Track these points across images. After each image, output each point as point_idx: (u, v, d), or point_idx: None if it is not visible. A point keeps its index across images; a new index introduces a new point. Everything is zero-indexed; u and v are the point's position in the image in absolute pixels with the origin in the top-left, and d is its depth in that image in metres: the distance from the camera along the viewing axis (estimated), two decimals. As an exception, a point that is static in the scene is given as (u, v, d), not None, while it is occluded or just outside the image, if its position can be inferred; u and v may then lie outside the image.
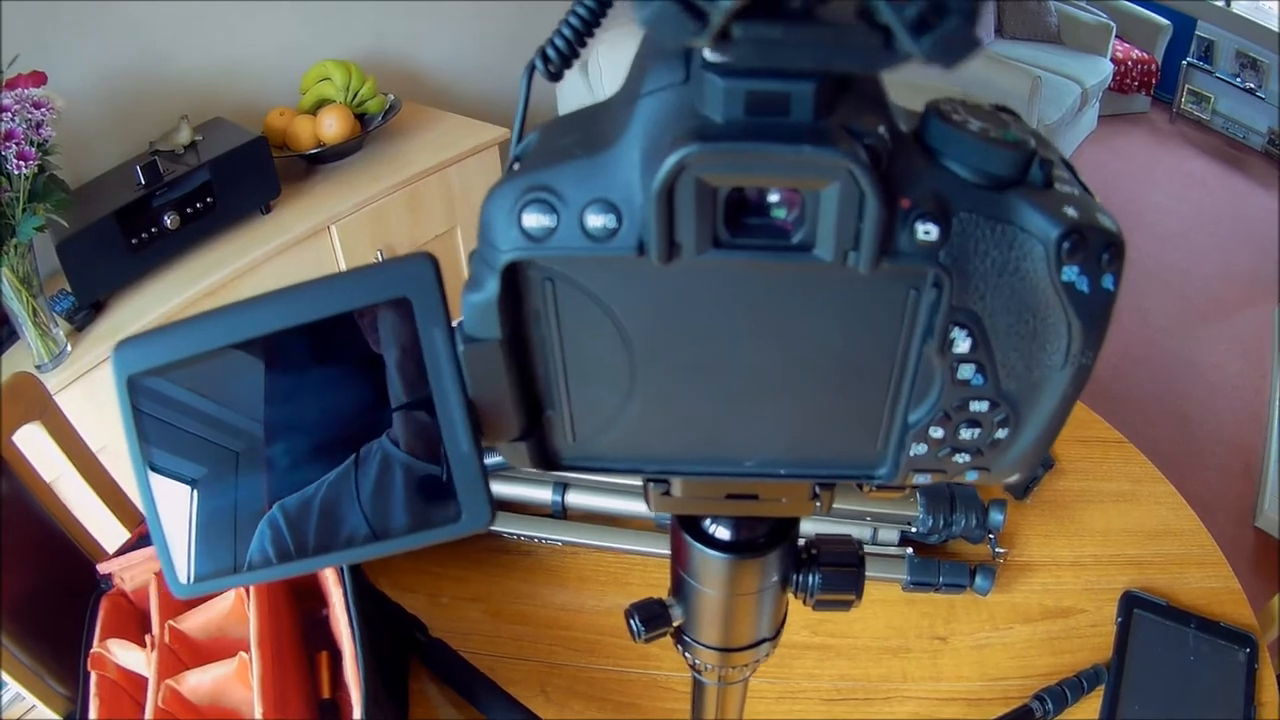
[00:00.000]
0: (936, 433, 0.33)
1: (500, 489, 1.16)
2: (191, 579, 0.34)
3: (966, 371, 0.32)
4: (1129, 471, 1.21)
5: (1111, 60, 4.48)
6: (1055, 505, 1.16)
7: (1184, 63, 4.89)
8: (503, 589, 1.12)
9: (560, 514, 1.15)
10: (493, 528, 1.11)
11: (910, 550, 1.05)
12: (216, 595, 0.96)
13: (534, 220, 0.28)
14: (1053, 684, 0.96)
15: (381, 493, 0.33)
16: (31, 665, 1.06)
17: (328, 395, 0.33)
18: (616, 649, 1.04)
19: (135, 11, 2.05)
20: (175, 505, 0.34)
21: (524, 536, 1.14)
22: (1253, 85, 4.57)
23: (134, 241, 1.82)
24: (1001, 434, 0.33)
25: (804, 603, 0.48)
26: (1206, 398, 2.95)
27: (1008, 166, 0.28)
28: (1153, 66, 4.86)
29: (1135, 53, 4.81)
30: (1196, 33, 4.82)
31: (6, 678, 1.04)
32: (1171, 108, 5.04)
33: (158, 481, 0.33)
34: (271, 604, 0.94)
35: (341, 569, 0.94)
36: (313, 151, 2.16)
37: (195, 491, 0.34)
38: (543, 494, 1.14)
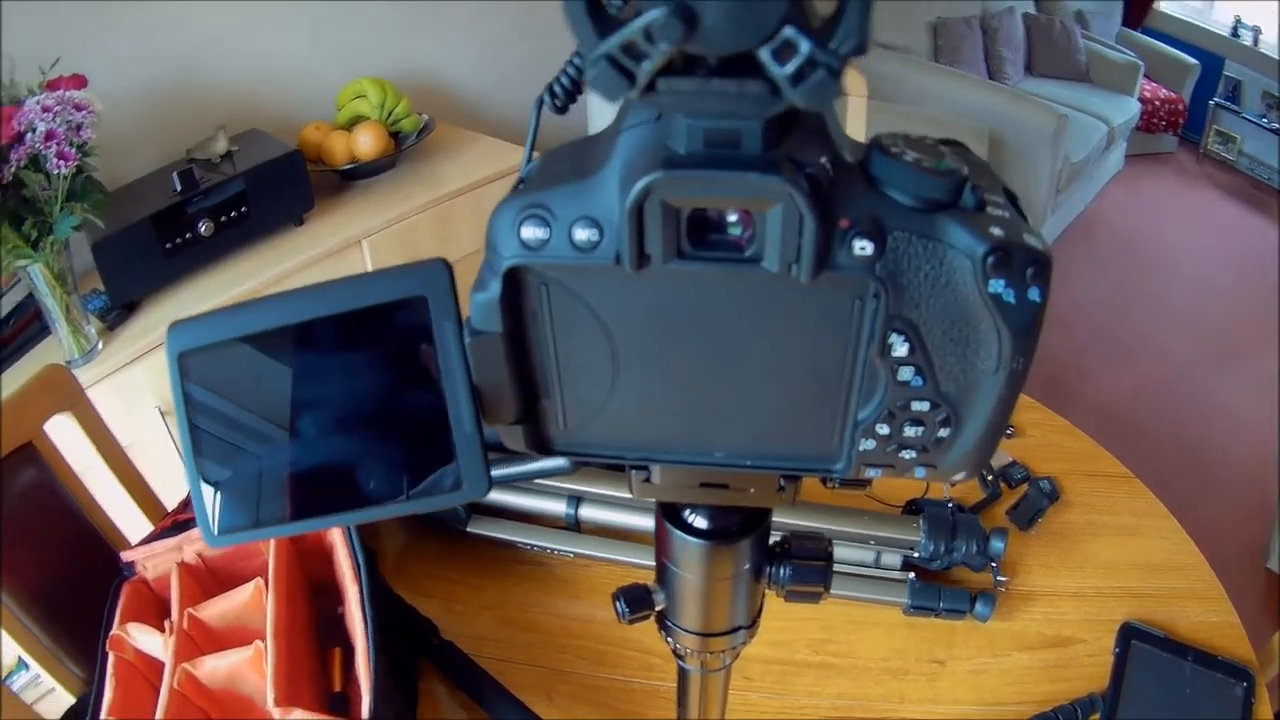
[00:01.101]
0: (883, 429, 0.38)
1: (516, 500, 1.20)
2: (219, 531, 0.39)
3: (906, 374, 0.36)
4: (1134, 506, 1.22)
5: (1139, 99, 4.49)
6: (1059, 536, 1.18)
7: (1211, 103, 4.90)
8: (515, 597, 1.15)
9: (574, 527, 1.18)
10: (508, 538, 1.15)
11: (913, 575, 1.08)
12: (236, 585, 0.99)
13: (531, 232, 0.33)
14: (1048, 710, 0.98)
15: (394, 463, 0.39)
16: (50, 646, 1.09)
17: (351, 376, 0.38)
18: (623, 659, 1.06)
19: (176, 21, 2.09)
20: (214, 468, 0.39)
21: (538, 547, 1.17)
22: (1279, 126, 4.58)
23: (168, 246, 1.85)
24: (944, 433, 0.37)
25: (777, 594, 0.52)
26: (1222, 437, 2.95)
27: (938, 191, 0.32)
28: (1180, 106, 4.86)
29: (1163, 92, 4.81)
30: (1224, 73, 4.84)
31: (26, 657, 1.07)
32: (1198, 148, 5.05)
33: (201, 444, 0.38)
34: (290, 598, 0.97)
35: (359, 569, 0.97)
36: (347, 167, 2.19)
37: (233, 456, 0.39)
38: (557, 506, 1.17)
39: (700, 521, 0.48)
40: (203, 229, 1.88)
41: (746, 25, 0.26)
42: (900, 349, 0.35)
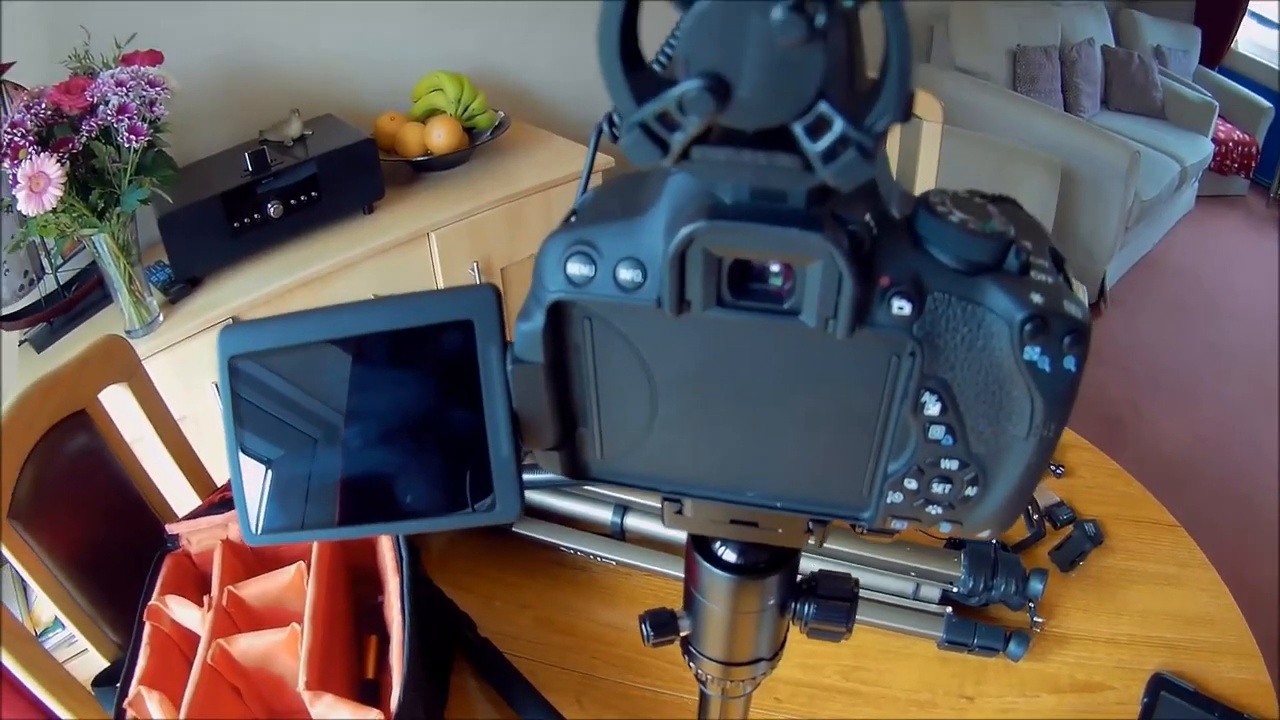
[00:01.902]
0: (911, 484, 0.38)
1: (563, 504, 1.21)
2: (261, 530, 0.41)
3: (937, 432, 0.36)
4: (1177, 555, 1.20)
5: (1213, 140, 4.41)
6: (1099, 581, 1.17)
7: (1284, 147, 4.81)
8: (554, 599, 1.16)
9: (619, 535, 1.19)
10: (552, 540, 1.16)
11: (950, 609, 1.07)
12: (279, 566, 1.01)
13: (577, 269, 0.33)
14: (1071, 755, 0.96)
15: (433, 479, 0.40)
16: (88, 610, 1.11)
17: (396, 391, 0.39)
18: (655, 669, 1.07)
19: (257, 4, 2.12)
20: (260, 468, 0.40)
21: (581, 552, 1.18)
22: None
23: (236, 225, 1.87)
24: (971, 491, 0.38)
25: (800, 630, 0.53)
26: (1274, 490, 2.88)
27: (982, 254, 0.32)
28: (1253, 149, 4.75)
29: (1237, 134, 4.72)
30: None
31: (63, 618, 1.10)
32: (1269, 192, 4.96)
33: (246, 445, 0.40)
34: (330, 583, 0.98)
35: (401, 560, 0.98)
36: (419, 159, 2.20)
37: (277, 459, 0.40)
38: (603, 514, 1.19)
39: (730, 555, 0.49)
40: (271, 210, 1.90)
41: (781, 100, 0.26)
42: (933, 408, 0.35)
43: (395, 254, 2.05)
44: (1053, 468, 1.32)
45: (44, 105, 1.50)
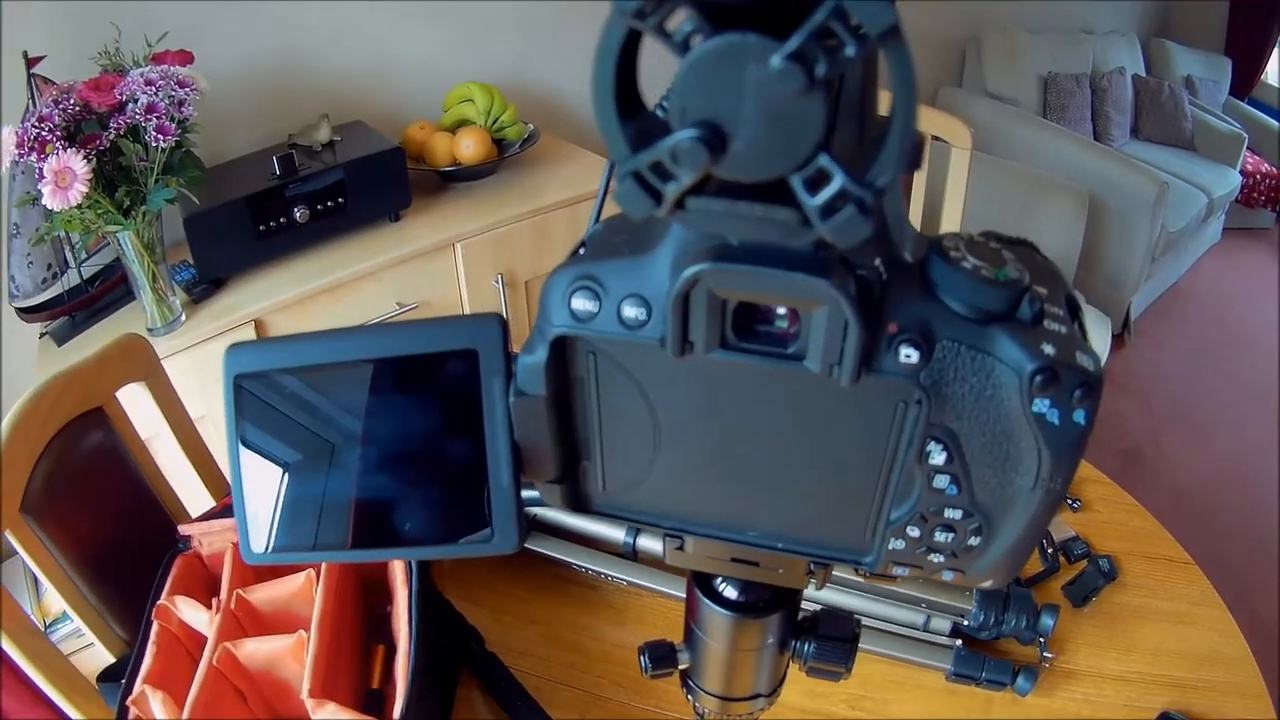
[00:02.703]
0: (914, 532, 0.37)
1: (577, 522, 1.20)
2: (268, 549, 0.40)
3: (942, 481, 0.35)
4: (1190, 594, 1.19)
5: (1241, 172, 4.37)
6: (1111, 618, 1.16)
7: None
8: (564, 617, 1.16)
9: (631, 555, 1.18)
10: (564, 558, 1.16)
11: (959, 642, 1.06)
12: (289, 573, 1.01)
13: (581, 304, 0.33)
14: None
15: (433, 507, 0.39)
16: (97, 605, 1.12)
17: (400, 418, 0.38)
18: (660, 692, 1.06)
19: (292, 7, 2.13)
20: (260, 487, 0.40)
21: (593, 571, 1.17)
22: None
23: (261, 228, 1.87)
24: (974, 541, 0.37)
25: (799, 668, 0.52)
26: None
27: (995, 303, 0.31)
28: (1280, 182, 4.72)
29: (1265, 166, 4.68)
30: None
31: (71, 612, 1.10)
32: (1295, 225, 4.91)
33: (248, 464, 0.39)
34: (339, 592, 0.98)
35: (410, 572, 0.98)
36: (448, 169, 2.20)
37: (281, 479, 0.40)
38: (616, 533, 1.18)
39: (731, 592, 0.48)
40: (298, 215, 1.90)
41: (779, 152, 0.25)
42: (938, 457, 0.34)
43: (420, 263, 2.05)
44: (1069, 502, 1.31)
45: (73, 101, 1.51)
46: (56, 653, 1.05)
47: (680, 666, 0.54)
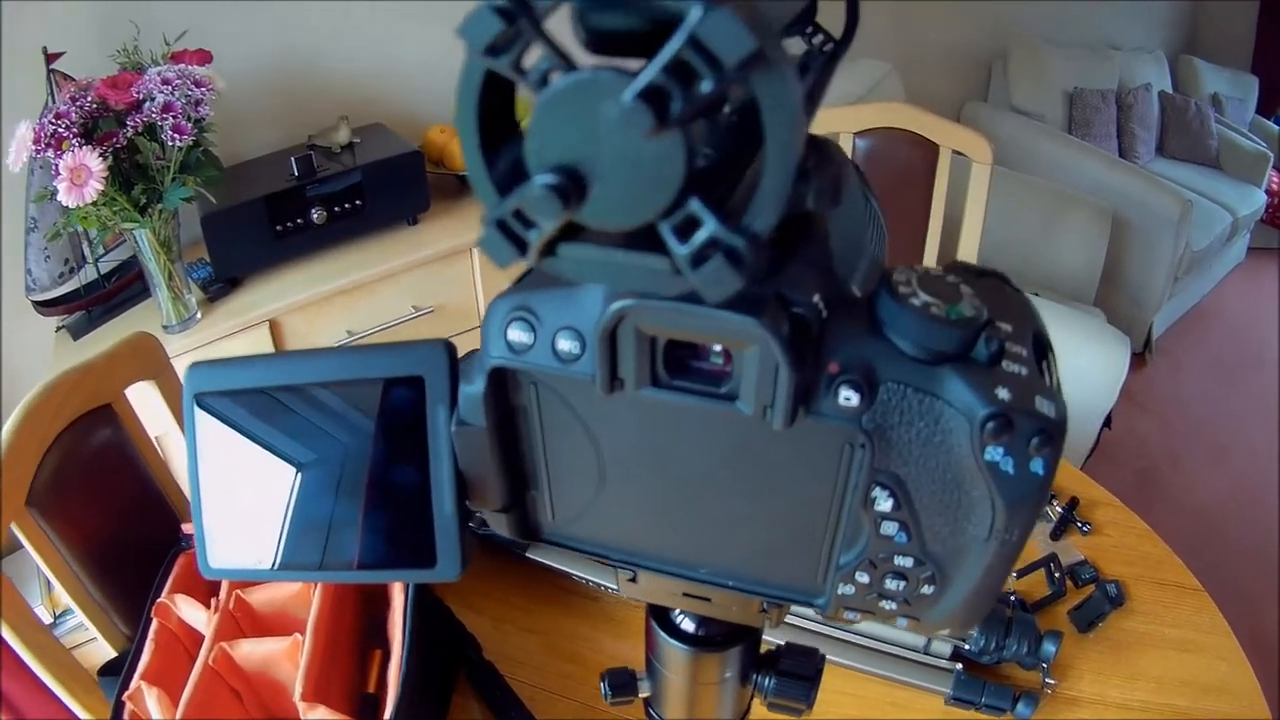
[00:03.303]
0: (863, 578, 0.35)
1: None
2: (220, 566, 0.41)
3: (890, 528, 0.33)
4: (1198, 621, 1.17)
5: (1266, 192, 4.33)
6: (1117, 644, 1.14)
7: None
8: (563, 627, 1.16)
9: (633, 567, 1.17)
10: (565, 569, 1.15)
11: (960, 666, 1.05)
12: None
13: (516, 335, 0.32)
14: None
15: (377, 531, 0.39)
16: (101, 600, 1.12)
17: (351, 441, 0.38)
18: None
19: (314, 8, 2.14)
20: (220, 503, 0.40)
21: (593, 582, 1.17)
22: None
23: (279, 228, 1.88)
24: (928, 590, 0.35)
25: (760, 702, 0.51)
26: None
27: (945, 342, 0.29)
28: (1305, 202, 4.66)
29: (1289, 186, 4.63)
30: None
31: (74, 606, 1.11)
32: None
33: (208, 480, 0.39)
34: (337, 596, 0.99)
35: (408, 578, 0.98)
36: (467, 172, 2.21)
37: (237, 497, 0.40)
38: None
39: (688, 625, 0.47)
40: (315, 216, 1.91)
41: (641, 198, 0.23)
42: (884, 503, 0.33)
43: (437, 267, 2.05)
44: (1079, 525, 1.30)
45: (90, 98, 1.52)
46: (58, 646, 1.06)
47: (642, 695, 0.53)
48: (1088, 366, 2.12)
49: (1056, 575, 1.20)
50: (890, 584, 0.35)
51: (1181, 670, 1.11)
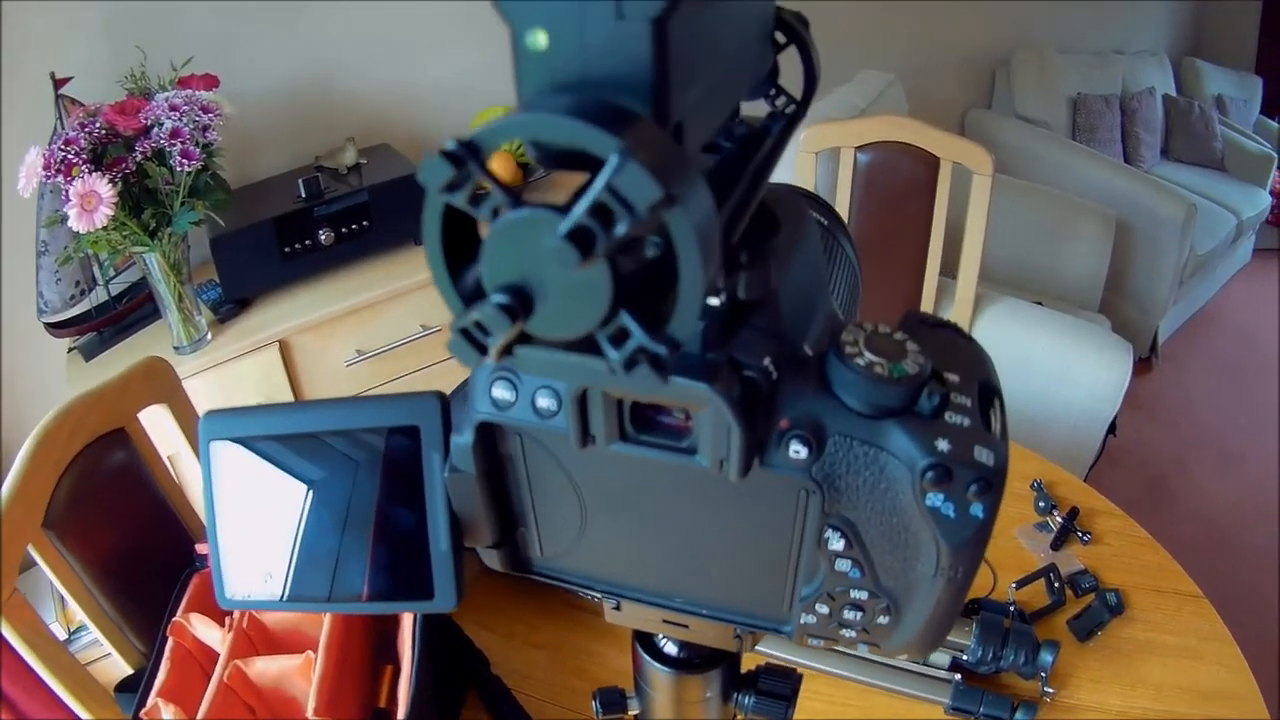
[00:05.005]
0: (823, 609, 0.38)
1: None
2: (235, 597, 0.44)
3: (844, 565, 0.36)
4: (1198, 628, 1.18)
5: (1270, 193, 4.33)
6: (1116, 652, 1.15)
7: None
8: (571, 642, 1.18)
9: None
10: (574, 584, 1.16)
11: (958, 676, 1.06)
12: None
13: (500, 393, 0.35)
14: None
15: (379, 565, 0.42)
16: (116, 619, 1.15)
17: (355, 482, 0.41)
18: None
19: (320, 31, 2.16)
20: (237, 540, 0.43)
21: (599, 598, 1.17)
22: None
23: (287, 250, 1.91)
24: (884, 620, 0.38)
25: (740, 718, 0.53)
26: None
27: (888, 399, 0.32)
28: (1311, 202, 4.65)
29: (1295, 186, 4.63)
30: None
31: (90, 624, 1.13)
32: (1326, 247, 4.84)
33: (224, 518, 0.42)
34: (347, 615, 1.00)
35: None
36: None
37: (249, 534, 0.43)
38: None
39: (671, 649, 0.50)
40: (323, 237, 1.93)
41: (577, 314, 0.25)
42: (836, 544, 0.35)
43: (445, 287, 2.06)
44: (1080, 535, 1.31)
45: (98, 124, 1.54)
46: (74, 661, 1.08)
47: (631, 712, 0.55)
48: (1090, 374, 2.13)
49: (1056, 585, 1.21)
50: (849, 614, 0.38)
51: (1181, 677, 1.12)
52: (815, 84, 0.37)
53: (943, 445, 0.32)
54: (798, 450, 0.32)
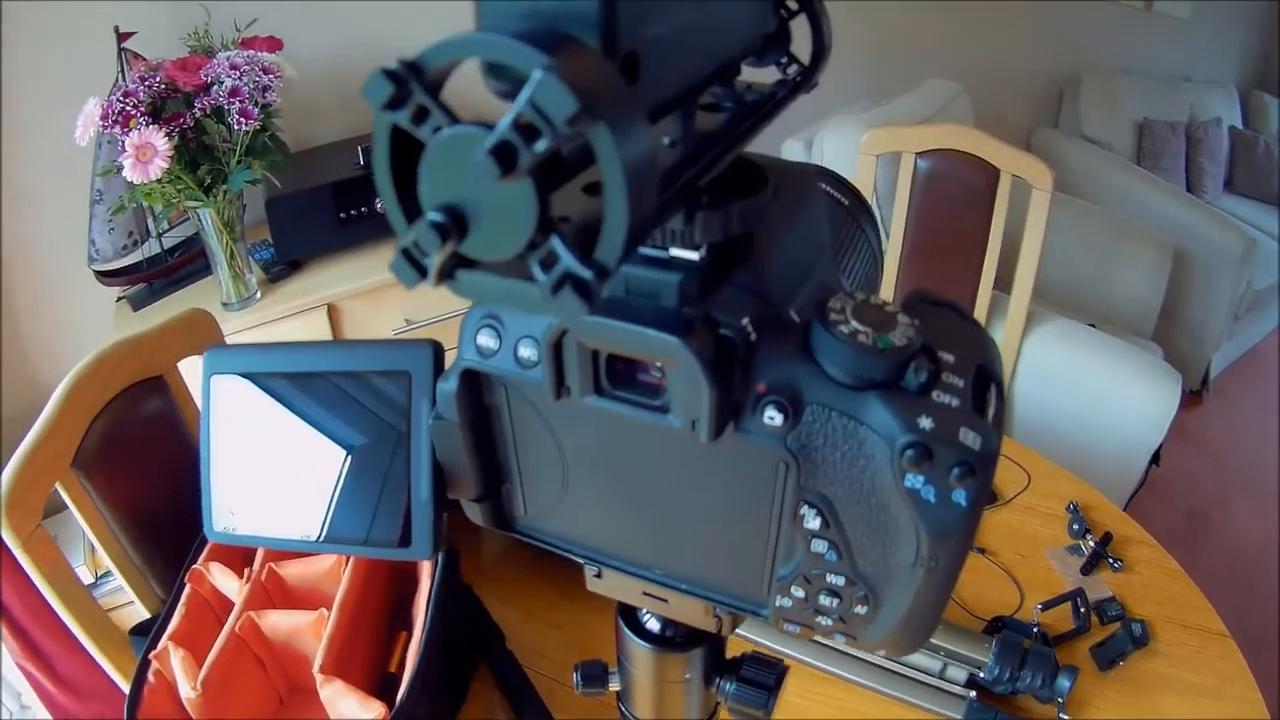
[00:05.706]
0: (799, 592, 0.37)
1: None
2: (222, 529, 0.45)
3: (820, 546, 0.35)
4: (1221, 668, 1.16)
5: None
6: (1137, 684, 1.13)
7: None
8: (586, 623, 1.18)
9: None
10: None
11: (974, 694, 1.05)
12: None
13: (485, 341, 0.35)
14: None
15: (362, 508, 0.42)
16: (140, 564, 1.16)
17: (348, 426, 0.42)
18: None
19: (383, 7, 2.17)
20: (231, 473, 0.43)
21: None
22: None
23: (343, 215, 1.92)
24: (861, 610, 0.36)
25: (722, 705, 0.53)
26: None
27: (871, 370, 0.31)
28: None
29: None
30: None
31: (113, 569, 1.14)
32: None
33: (218, 452, 0.43)
34: (367, 576, 1.01)
35: (436, 564, 1.00)
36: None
37: (248, 467, 0.44)
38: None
39: (653, 625, 0.49)
40: (379, 205, 1.93)
41: (506, 235, 0.25)
42: (812, 522, 0.34)
43: (496, 257, 2.06)
44: (1111, 561, 1.29)
45: (159, 79, 1.56)
46: (94, 604, 1.10)
47: (612, 688, 0.55)
48: (1138, 401, 2.09)
49: (1082, 610, 1.19)
50: (825, 600, 0.36)
51: (1198, 716, 1.10)
52: (824, 54, 0.36)
53: (925, 423, 0.30)
54: (772, 416, 0.31)
